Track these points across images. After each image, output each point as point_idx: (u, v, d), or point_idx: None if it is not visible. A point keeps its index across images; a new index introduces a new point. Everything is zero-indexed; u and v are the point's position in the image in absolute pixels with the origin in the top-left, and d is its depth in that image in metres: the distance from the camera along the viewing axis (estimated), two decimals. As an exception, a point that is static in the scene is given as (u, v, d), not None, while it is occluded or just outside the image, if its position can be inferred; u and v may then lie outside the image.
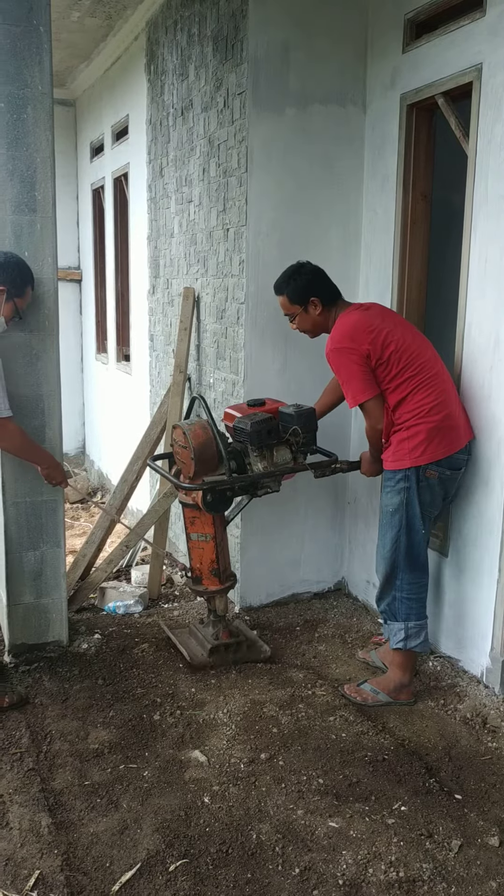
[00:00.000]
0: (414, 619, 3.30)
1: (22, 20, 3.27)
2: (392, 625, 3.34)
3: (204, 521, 3.49)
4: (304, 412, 3.41)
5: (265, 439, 3.36)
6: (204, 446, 3.35)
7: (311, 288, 3.34)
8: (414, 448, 3.16)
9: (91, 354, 8.02)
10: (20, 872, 2.36)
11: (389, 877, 2.35)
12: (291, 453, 3.46)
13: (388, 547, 3.27)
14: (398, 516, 3.23)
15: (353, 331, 3.18)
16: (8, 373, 3.46)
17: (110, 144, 6.63)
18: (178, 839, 2.51)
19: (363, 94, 3.97)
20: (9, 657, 3.67)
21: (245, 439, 3.37)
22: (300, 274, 3.36)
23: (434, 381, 3.18)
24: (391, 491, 3.25)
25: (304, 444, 3.42)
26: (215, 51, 4.07)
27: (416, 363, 3.16)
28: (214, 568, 3.56)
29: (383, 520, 3.30)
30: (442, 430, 3.17)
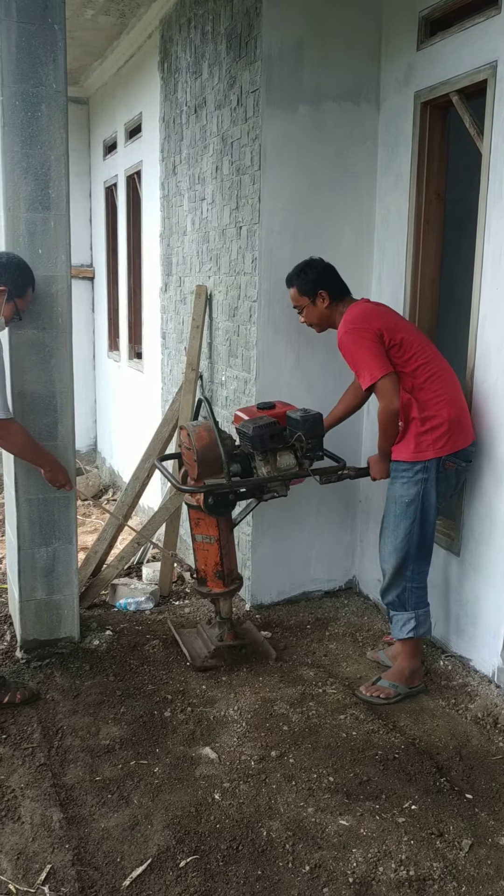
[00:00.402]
0: (422, 607, 3.37)
1: (37, 18, 3.28)
2: (401, 615, 3.36)
3: (208, 523, 3.47)
4: (309, 418, 3.38)
5: (267, 444, 3.34)
6: (207, 448, 3.32)
7: (321, 281, 3.41)
8: (437, 439, 3.20)
9: (103, 352, 8.04)
10: (32, 866, 2.38)
11: (400, 875, 2.35)
12: (296, 459, 3.43)
13: (401, 538, 3.28)
14: (413, 507, 3.25)
15: (364, 314, 3.28)
16: (21, 370, 3.48)
17: (123, 142, 6.64)
18: (188, 835, 2.52)
19: (377, 91, 3.96)
20: (21, 653, 3.68)
21: (247, 443, 3.37)
22: (311, 267, 3.45)
23: (446, 373, 3.27)
24: (408, 482, 3.25)
25: (310, 449, 3.39)
26: (229, 48, 4.07)
27: (425, 354, 3.25)
28: (219, 570, 3.54)
29: (396, 510, 3.30)
30: (460, 422, 3.24)
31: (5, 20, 3.24)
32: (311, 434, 3.37)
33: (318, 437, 3.41)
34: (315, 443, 3.40)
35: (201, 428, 3.37)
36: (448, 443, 3.21)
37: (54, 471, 3.48)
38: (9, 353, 3.47)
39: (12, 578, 3.90)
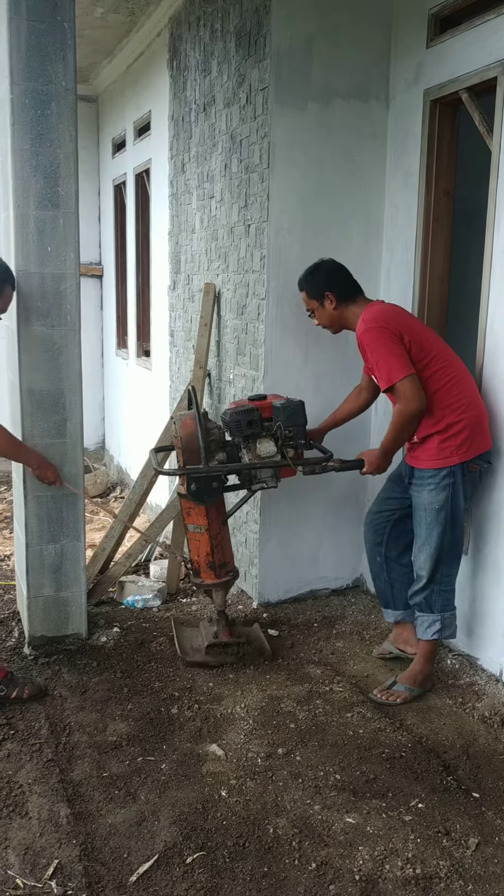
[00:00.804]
0: (449, 610, 3.36)
1: (46, 16, 3.28)
2: (426, 616, 3.34)
3: (198, 512, 3.48)
4: (289, 405, 3.39)
5: (245, 430, 3.37)
6: (191, 436, 3.36)
7: (326, 283, 3.39)
8: (461, 444, 3.18)
9: (112, 350, 8.06)
10: (39, 861, 2.39)
11: (406, 873, 2.36)
12: (276, 446, 3.43)
13: (435, 544, 3.26)
14: (444, 513, 3.23)
15: (384, 313, 3.26)
16: (30, 367, 3.49)
17: (132, 140, 6.65)
18: (195, 832, 2.52)
19: (386, 89, 3.95)
20: (28, 649, 3.70)
21: (226, 430, 3.43)
22: (318, 269, 3.45)
23: (464, 375, 3.24)
24: (436, 488, 3.22)
25: (291, 437, 3.39)
26: (238, 46, 4.07)
27: (444, 357, 3.22)
28: (210, 561, 3.55)
29: (427, 518, 3.26)
30: (481, 424, 3.24)
31: (15, 18, 3.25)
32: (292, 422, 3.37)
33: (298, 426, 3.40)
34: (296, 431, 3.39)
35: (187, 417, 3.41)
36: (472, 446, 3.20)
37: (41, 468, 3.49)
38: (17, 351, 3.49)
39: (20, 575, 3.91)
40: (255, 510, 4.16)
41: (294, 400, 3.43)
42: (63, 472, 3.60)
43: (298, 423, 3.40)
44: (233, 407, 3.44)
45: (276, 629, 3.98)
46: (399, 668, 3.55)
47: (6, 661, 3.61)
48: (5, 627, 3.98)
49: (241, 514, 4.38)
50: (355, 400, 3.70)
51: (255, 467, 3.43)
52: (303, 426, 3.42)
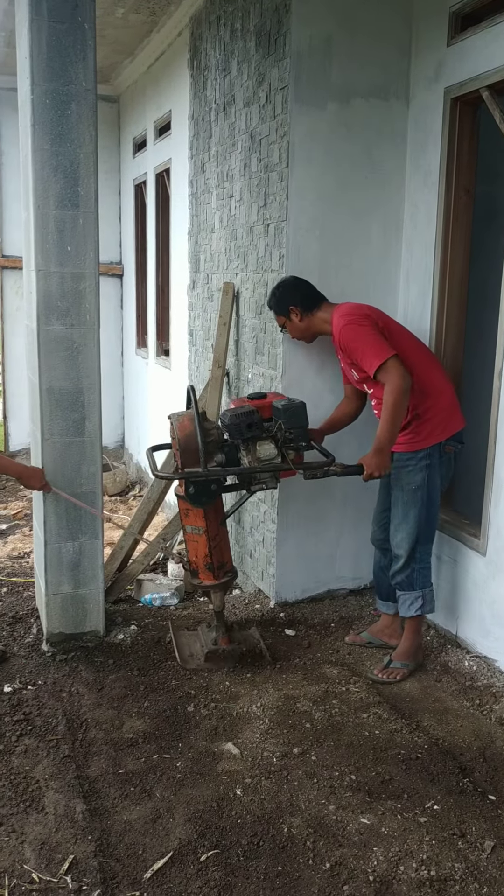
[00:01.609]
0: (428, 586, 3.53)
1: (67, 17, 3.30)
2: (408, 594, 3.51)
3: (196, 514, 3.43)
4: (291, 406, 3.33)
5: (244, 432, 3.31)
6: (189, 438, 3.31)
7: (289, 299, 3.57)
8: (435, 426, 3.36)
9: (131, 349, 8.09)
10: (55, 856, 2.41)
11: (421, 875, 2.35)
12: (276, 448, 3.38)
13: (412, 523, 3.42)
14: (420, 493, 3.39)
15: (357, 307, 3.43)
16: (49, 366, 3.52)
17: (153, 140, 6.67)
18: (209, 830, 2.53)
19: (406, 87, 3.94)
20: (46, 646, 3.72)
21: (226, 432, 3.38)
22: (279, 288, 3.64)
23: (433, 361, 3.48)
24: (413, 469, 3.39)
25: (291, 440, 3.35)
26: (258, 45, 4.07)
27: (413, 345, 3.43)
28: (208, 562, 3.50)
29: (404, 498, 3.43)
30: (453, 406, 3.42)
31: (36, 19, 3.27)
32: (293, 423, 3.32)
33: (299, 428, 3.34)
34: (297, 433, 3.34)
35: (185, 417, 3.36)
36: (447, 427, 3.37)
37: (24, 478, 3.49)
38: (36, 350, 3.51)
39: (39, 572, 3.94)
40: (273, 509, 4.16)
41: (295, 401, 3.38)
42: (81, 470, 3.62)
43: (300, 424, 3.35)
44: (232, 408, 3.39)
45: (293, 629, 3.98)
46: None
47: (25, 658, 3.65)
48: (24, 624, 4.02)
49: (258, 514, 4.39)
50: (347, 407, 3.77)
51: (256, 471, 3.37)
52: (304, 428, 3.37)
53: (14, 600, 4.40)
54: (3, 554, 5.36)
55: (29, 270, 3.68)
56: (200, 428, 3.26)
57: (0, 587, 4.65)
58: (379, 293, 4.04)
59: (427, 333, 3.88)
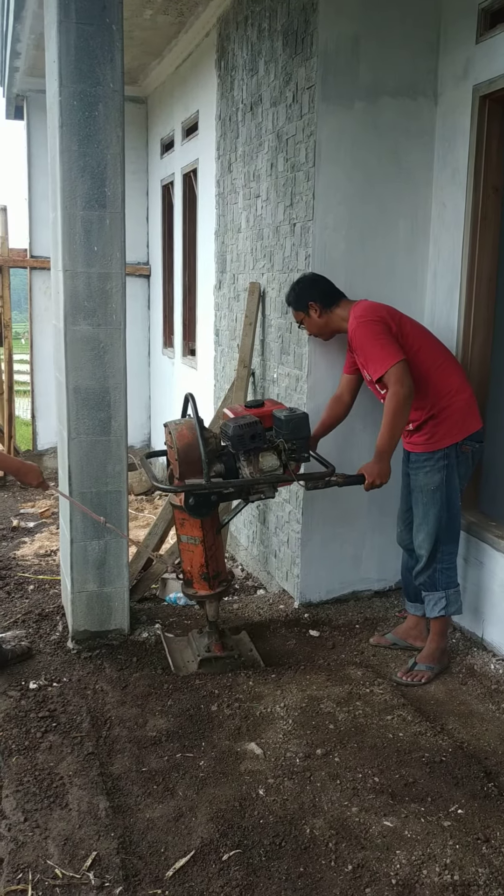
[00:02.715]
0: (453, 587, 3.50)
1: (95, 19, 3.32)
2: (432, 594, 3.49)
3: (192, 523, 3.36)
4: (294, 417, 3.26)
5: (248, 444, 3.22)
6: (189, 447, 3.22)
7: (308, 293, 3.56)
8: (451, 427, 3.35)
9: (158, 349, 8.12)
10: (78, 853, 2.42)
11: (444, 879, 2.33)
12: (279, 460, 3.31)
13: (433, 524, 3.41)
14: (439, 493, 3.38)
15: (373, 307, 3.43)
16: (76, 366, 3.54)
17: (180, 140, 6.69)
18: (231, 829, 2.53)
19: (434, 85, 3.91)
20: (72, 643, 3.75)
21: (227, 443, 3.29)
22: (298, 283, 3.64)
23: (451, 361, 3.45)
24: (431, 470, 3.38)
25: (294, 451, 3.28)
26: (285, 45, 4.06)
27: (431, 345, 3.41)
28: (204, 572, 3.44)
29: (423, 499, 3.43)
30: (471, 406, 3.40)
31: (65, 21, 3.30)
32: (295, 435, 3.26)
33: (302, 439, 3.27)
34: (299, 444, 3.28)
35: (184, 426, 3.27)
36: (463, 427, 3.36)
37: (20, 474, 3.41)
38: (63, 349, 3.54)
39: (65, 570, 3.97)
40: (298, 510, 4.15)
41: (297, 411, 3.32)
42: (107, 469, 3.64)
43: (302, 435, 3.28)
44: (233, 417, 3.30)
45: (318, 630, 3.97)
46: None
47: (50, 655, 3.67)
48: (50, 621, 4.05)
49: (283, 514, 4.38)
50: (337, 406, 3.76)
51: (258, 483, 3.28)
52: (307, 439, 3.32)
53: (40, 598, 4.44)
54: (30, 552, 5.41)
55: (56, 271, 3.71)
56: (202, 438, 3.19)
57: (27, 585, 4.70)
58: (406, 292, 4.02)
59: (454, 332, 3.85)
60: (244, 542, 5.13)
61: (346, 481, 3.40)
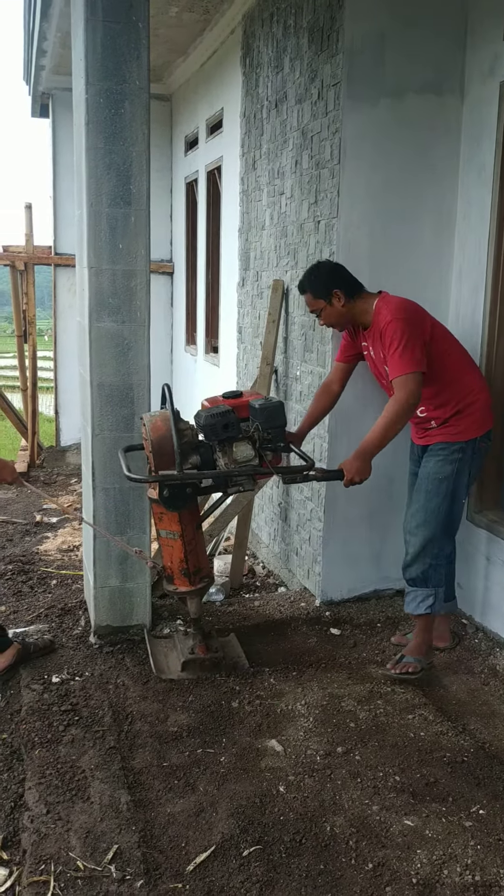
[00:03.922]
0: (441, 585, 3.45)
1: (121, 17, 3.34)
2: (420, 591, 3.44)
3: (170, 518, 3.27)
4: (268, 406, 3.17)
5: (220, 433, 3.14)
6: (163, 439, 3.15)
7: (332, 281, 3.37)
8: (473, 422, 3.34)
9: (181, 346, 8.14)
10: (99, 846, 2.44)
11: (465, 880, 2.32)
12: (254, 450, 3.21)
13: (431, 513, 3.36)
14: (446, 485, 3.34)
15: (412, 305, 3.34)
16: (100, 363, 3.56)
17: (204, 138, 6.70)
18: (252, 825, 2.54)
19: (461, 82, 3.88)
20: (94, 638, 3.78)
21: (201, 433, 3.23)
22: (320, 269, 3.45)
23: (472, 362, 3.46)
24: (443, 460, 3.34)
25: (269, 440, 3.19)
26: (310, 42, 4.05)
27: (458, 345, 3.43)
28: (184, 568, 3.36)
29: (428, 486, 3.36)
30: (489, 404, 3.40)
31: (91, 19, 3.31)
32: (270, 423, 3.16)
33: (277, 428, 3.18)
34: (275, 433, 3.18)
35: (158, 418, 3.20)
36: (484, 423, 3.36)
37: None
38: (88, 346, 3.56)
39: (88, 566, 4.00)
40: (320, 508, 4.15)
41: (273, 399, 3.24)
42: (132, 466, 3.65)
43: (277, 424, 3.19)
44: (207, 407, 3.24)
45: (339, 628, 3.97)
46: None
47: (73, 649, 3.70)
48: (72, 616, 4.08)
49: (304, 512, 4.38)
50: (326, 393, 3.68)
51: (232, 474, 3.21)
52: (282, 428, 3.23)
53: (63, 592, 4.47)
54: (53, 547, 5.45)
55: (81, 267, 3.73)
56: (176, 429, 3.11)
57: (50, 579, 4.74)
58: (430, 290, 4.00)
59: (479, 330, 3.82)
60: (265, 539, 5.14)
61: (324, 476, 3.33)
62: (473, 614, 4.00)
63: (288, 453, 3.46)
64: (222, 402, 3.26)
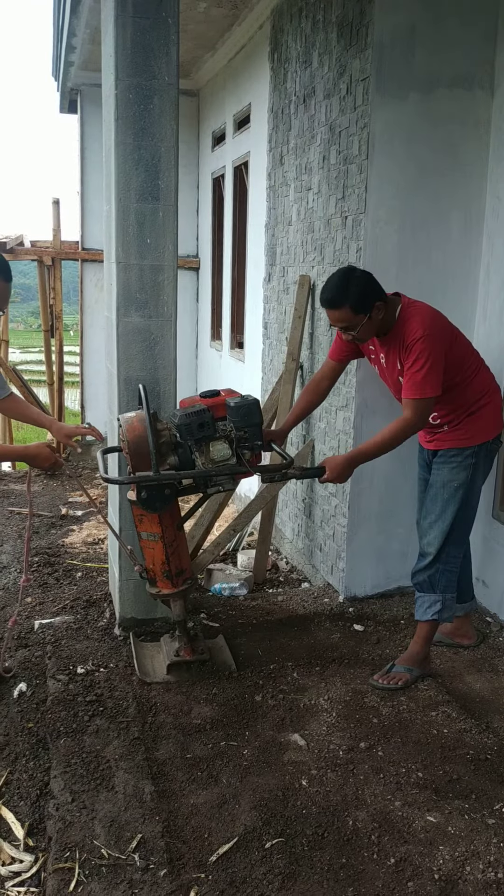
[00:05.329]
0: (451, 591, 3.41)
1: (151, 13, 3.35)
2: (427, 596, 3.39)
3: (151, 519, 3.22)
4: (244, 404, 3.08)
5: (195, 433, 3.07)
6: (139, 440, 3.07)
7: (372, 293, 3.11)
8: (486, 425, 3.30)
9: (206, 341, 8.17)
10: (123, 834, 2.47)
11: (487, 877, 2.31)
12: (231, 449, 3.14)
13: (449, 521, 3.31)
14: (462, 492, 3.30)
15: (440, 321, 3.20)
16: (127, 357, 3.59)
17: (231, 133, 6.70)
18: (274, 818, 2.55)
19: (491, 77, 3.85)
20: (119, 630, 3.81)
21: (175, 432, 3.16)
22: (358, 281, 3.12)
23: (483, 363, 3.37)
24: (457, 467, 3.30)
25: (245, 439, 3.11)
26: (339, 37, 4.04)
27: (470, 347, 3.36)
28: (166, 570, 3.32)
29: (444, 495, 3.32)
30: (499, 407, 3.36)
31: (121, 16, 3.33)
32: (246, 422, 3.08)
33: (253, 426, 3.10)
34: (251, 432, 3.10)
35: (135, 419, 3.12)
36: (496, 426, 3.33)
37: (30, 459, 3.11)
38: (115, 341, 3.59)
39: (113, 558, 4.03)
40: (344, 504, 4.15)
41: (248, 398, 3.13)
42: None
43: (253, 422, 3.10)
44: (183, 407, 3.17)
45: (362, 624, 3.97)
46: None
47: (98, 641, 3.73)
48: (97, 608, 4.12)
49: (329, 508, 4.38)
50: (315, 391, 3.57)
51: (210, 474, 3.14)
52: (258, 426, 3.13)
53: (88, 585, 4.51)
54: (79, 540, 5.50)
55: (109, 263, 3.75)
56: (152, 429, 3.04)
57: (75, 572, 4.78)
58: (458, 287, 3.98)
59: (507, 328, 3.80)
60: (289, 535, 5.15)
61: (303, 474, 3.29)
62: (498, 612, 3.99)
63: (270, 451, 3.37)
64: (199, 402, 3.17)
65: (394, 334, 3.17)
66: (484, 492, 3.89)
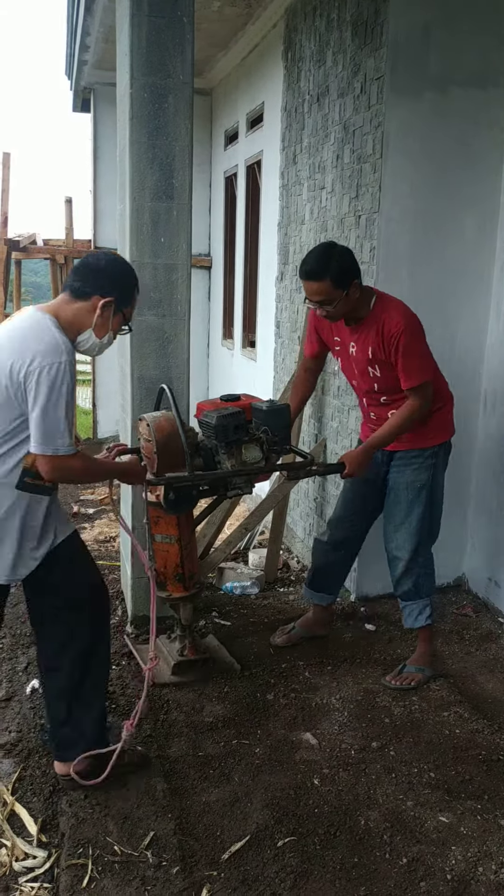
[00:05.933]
0: (433, 593, 3.47)
1: (166, 12, 3.35)
2: (416, 604, 3.43)
3: (168, 521, 3.20)
4: (276, 409, 3.12)
5: (231, 435, 3.05)
6: (168, 439, 3.00)
7: (354, 269, 3.09)
8: (445, 423, 3.34)
9: (218, 340, 8.17)
10: (136, 831, 2.47)
11: (500, 878, 2.31)
12: (262, 452, 3.15)
13: (416, 524, 3.33)
14: (425, 491, 3.31)
15: (414, 315, 3.17)
16: (140, 355, 3.59)
17: (244, 132, 6.70)
18: (286, 817, 2.55)
19: (506, 75, 3.84)
20: (130, 627, 3.82)
21: (210, 434, 3.12)
22: (340, 254, 3.07)
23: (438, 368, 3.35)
24: (419, 468, 3.31)
25: (276, 442, 3.13)
26: (354, 35, 4.04)
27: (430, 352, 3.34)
28: (179, 573, 3.29)
29: (409, 496, 3.32)
30: (452, 412, 3.40)
31: (137, 14, 3.33)
32: (278, 426, 3.12)
33: (284, 430, 3.14)
34: (282, 435, 3.13)
35: (162, 418, 3.06)
36: (450, 430, 3.38)
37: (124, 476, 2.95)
38: (128, 339, 3.60)
39: (125, 556, 4.04)
40: (356, 503, 4.14)
41: (279, 403, 3.19)
42: None
43: (285, 426, 3.15)
44: (213, 408, 3.12)
45: (374, 624, 3.97)
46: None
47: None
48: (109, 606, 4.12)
49: (341, 507, 4.37)
50: (304, 386, 3.63)
51: (243, 473, 3.11)
52: (288, 429, 3.17)
53: (100, 583, 4.52)
54: (90, 538, 5.51)
55: (123, 261, 3.75)
56: (183, 429, 3.00)
57: (87, 569, 4.79)
58: (471, 286, 3.97)
59: (521, 328, 3.79)
60: (300, 534, 5.14)
61: (325, 470, 3.35)
62: (510, 613, 3.98)
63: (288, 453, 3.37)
64: (222, 405, 3.16)
65: (368, 323, 3.15)
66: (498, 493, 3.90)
